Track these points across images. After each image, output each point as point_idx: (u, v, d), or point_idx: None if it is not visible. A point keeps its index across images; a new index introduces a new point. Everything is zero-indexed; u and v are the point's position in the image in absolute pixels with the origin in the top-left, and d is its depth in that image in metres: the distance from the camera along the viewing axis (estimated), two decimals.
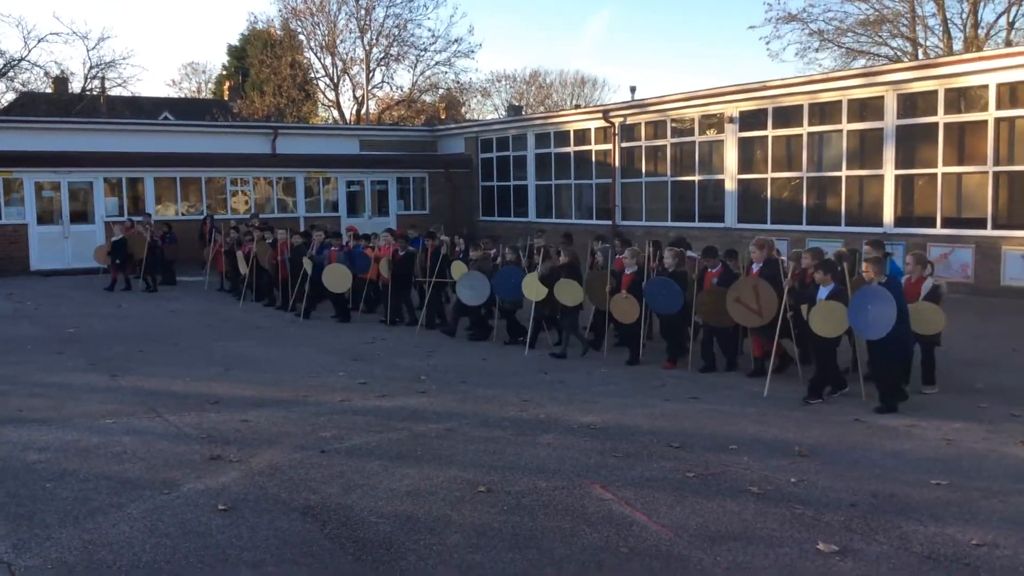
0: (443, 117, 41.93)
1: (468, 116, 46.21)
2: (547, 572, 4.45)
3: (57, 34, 68.14)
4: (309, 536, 4.91)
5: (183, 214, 24.53)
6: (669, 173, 21.46)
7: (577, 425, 7.50)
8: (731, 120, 19.54)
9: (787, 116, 18.54)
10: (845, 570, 4.53)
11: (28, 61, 36.88)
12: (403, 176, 28.11)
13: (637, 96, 26.20)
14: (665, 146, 21.61)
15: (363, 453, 6.59)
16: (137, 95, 41.86)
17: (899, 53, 33.28)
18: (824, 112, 17.88)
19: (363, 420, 7.64)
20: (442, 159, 28.92)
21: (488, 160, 27.72)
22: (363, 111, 40.88)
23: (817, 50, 34.25)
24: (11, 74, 36.50)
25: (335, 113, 43.59)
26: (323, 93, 44.05)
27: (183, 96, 54.79)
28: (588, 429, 7.37)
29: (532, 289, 11.07)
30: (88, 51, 55.50)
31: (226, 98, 46.35)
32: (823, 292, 8.54)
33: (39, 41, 46.86)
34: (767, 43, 51.73)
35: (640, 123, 22.20)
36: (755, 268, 9.96)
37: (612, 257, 11.87)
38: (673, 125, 21.40)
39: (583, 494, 5.68)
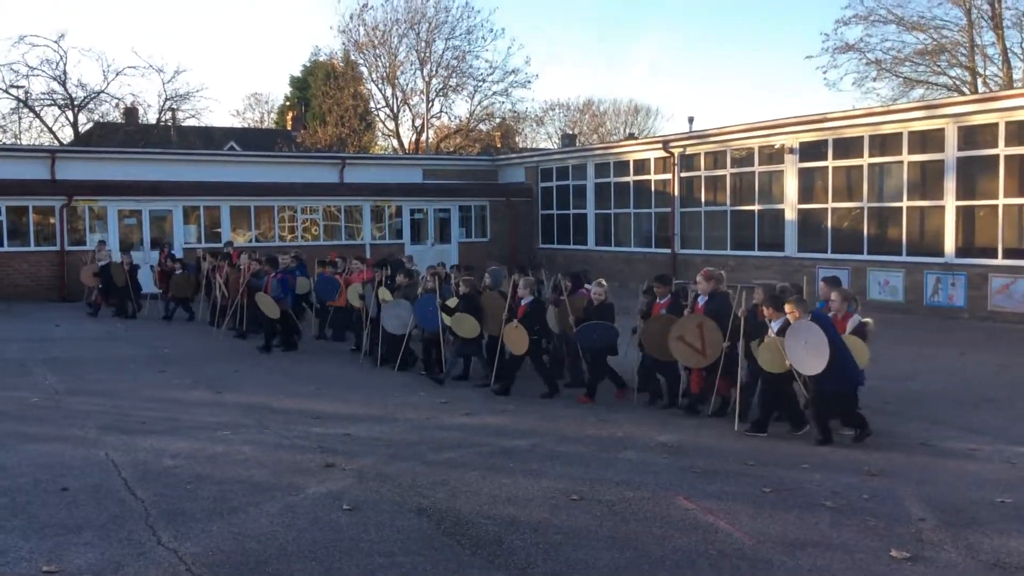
0: (499, 146, 42.84)
1: (522, 144, 47.08)
2: (645, 569, 4.97)
3: (134, 67, 71.03)
4: (427, 533, 5.50)
5: (257, 240, 25.57)
6: (729, 202, 21.89)
7: (654, 443, 8.00)
8: (791, 151, 19.95)
9: (847, 147, 18.89)
10: (917, 573, 4.97)
11: (107, 93, 38.66)
12: (465, 204, 28.89)
13: (695, 127, 26.76)
14: (725, 176, 22.05)
15: (460, 464, 7.18)
16: (206, 125, 43.48)
17: (958, 82, 33.35)
18: (885, 143, 18.20)
19: (453, 436, 8.24)
20: (503, 188, 29.66)
21: (548, 189, 28.38)
22: (422, 139, 41.95)
23: (875, 79, 34.52)
24: (91, 106, 38.27)
25: (394, 142, 44.81)
26: (383, 123, 45.35)
27: (247, 126, 56.55)
28: (665, 447, 7.87)
29: (458, 325, 10.85)
30: (164, 84, 57.94)
31: (289, 128, 47.86)
32: (775, 326, 8.36)
33: (117, 75, 49.07)
34: (824, 73, 51.92)
35: (700, 153, 22.70)
36: (701, 301, 9.40)
37: (500, 280, 11.99)
38: (733, 155, 21.85)
39: (669, 504, 6.19)
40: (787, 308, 8.20)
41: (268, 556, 4.99)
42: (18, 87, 36.44)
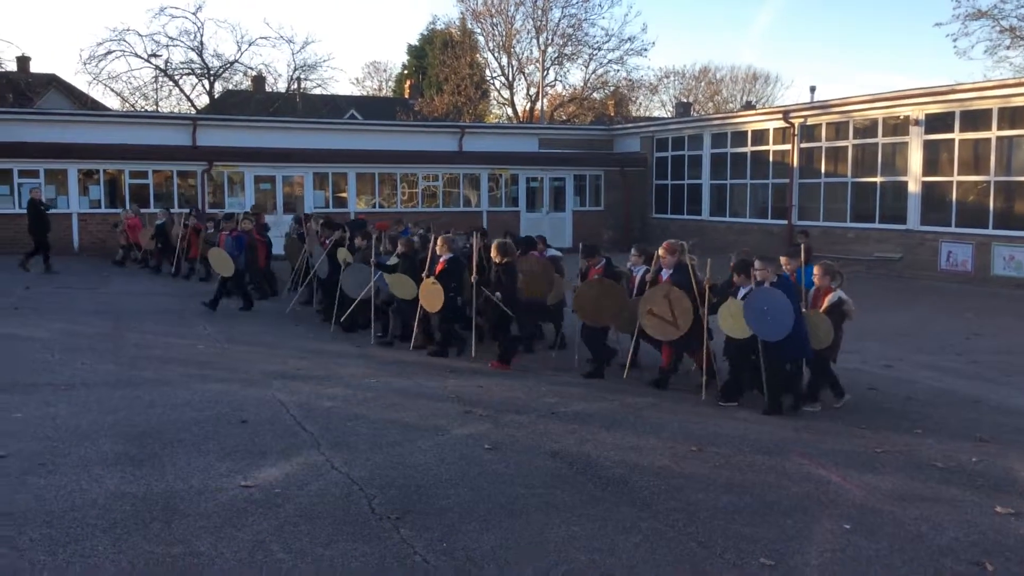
0: (612, 114, 42.93)
1: (636, 113, 47.00)
2: (761, 510, 5.48)
3: (266, 38, 73.81)
4: (561, 471, 6.14)
5: (380, 206, 26.72)
6: (850, 174, 21.66)
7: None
8: (916, 123, 19.60)
9: (976, 120, 18.46)
10: (1020, 527, 5.32)
11: (240, 63, 40.61)
12: (580, 173, 29.32)
13: (817, 96, 26.36)
14: (846, 147, 21.81)
15: (585, 417, 7.80)
16: (329, 94, 45.07)
17: None
18: (1015, 116, 17.71)
19: (578, 391, 8.86)
20: (617, 157, 29.93)
21: (663, 159, 28.51)
22: (537, 108, 42.46)
23: (1008, 47, 33.05)
24: (225, 75, 40.30)
25: (509, 111, 45.48)
26: (498, 92, 46.03)
27: (366, 94, 58.19)
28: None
29: (395, 285, 10.94)
30: (293, 55, 60.35)
31: (406, 96, 49.07)
32: (741, 293, 8.46)
33: (250, 45, 51.36)
34: (954, 40, 49.76)
35: (821, 124, 22.48)
36: (665, 275, 9.27)
37: (458, 246, 11.62)
38: (855, 126, 21.57)
39: (783, 458, 6.65)
40: (756, 266, 8.25)
41: (425, 482, 5.73)
42: (158, 56, 38.72)
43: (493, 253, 10.24)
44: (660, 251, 9.36)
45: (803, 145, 23.01)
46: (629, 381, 9.26)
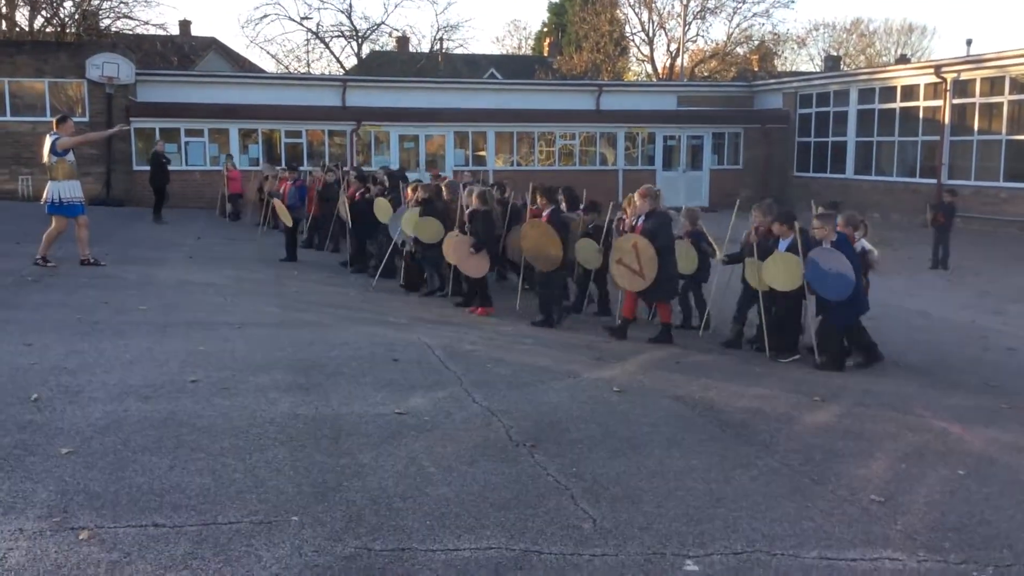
0: (756, 69, 41.86)
1: (782, 68, 45.64)
2: (878, 456, 5.75)
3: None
4: (684, 413, 6.56)
5: (518, 165, 27.34)
6: (1004, 131, 20.65)
7: (900, 363, 8.54)
8: None
9: None
10: None
11: (387, 24, 41.96)
12: (718, 131, 29.01)
13: (973, 51, 25.07)
14: (1002, 103, 20.78)
15: (711, 367, 8.16)
16: (470, 53, 45.91)
17: None
18: None
19: (694, 343, 9.22)
20: (758, 114, 29.41)
21: (806, 115, 27.83)
22: (677, 64, 41.93)
23: None
24: (372, 37, 41.75)
25: (648, 68, 45.08)
26: (637, 48, 45.66)
27: (505, 53, 58.73)
28: (907, 366, 8.39)
29: (409, 224, 11.23)
30: (436, 16, 61.62)
31: (545, 54, 49.32)
32: (783, 245, 8.45)
33: (396, 7, 52.95)
34: None
35: (975, 79, 21.48)
36: (639, 222, 8.98)
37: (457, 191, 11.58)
38: (1012, 81, 20.49)
39: (905, 410, 6.84)
40: (814, 225, 8.22)
41: (558, 418, 6.27)
42: (310, 19, 40.49)
43: (472, 198, 10.28)
44: (635, 196, 9.15)
45: (955, 101, 22.06)
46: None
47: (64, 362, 7.08)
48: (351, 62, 41.76)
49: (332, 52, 41.98)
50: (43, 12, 31.95)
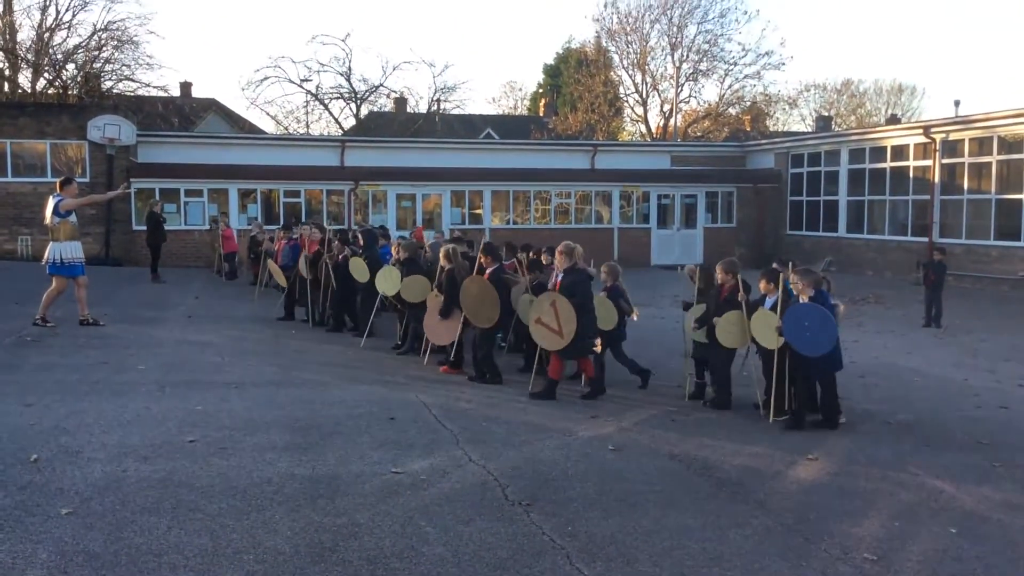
0: (748, 129, 42.57)
1: (773, 128, 46.38)
2: (871, 514, 5.79)
3: (409, 62, 76.96)
4: (679, 471, 6.61)
5: (514, 223, 27.62)
6: (994, 190, 20.98)
7: (893, 421, 8.60)
8: None
9: None
10: None
11: (385, 86, 42.68)
12: (712, 190, 29.38)
13: (961, 111, 25.58)
14: (991, 162, 21.14)
15: (706, 425, 8.22)
16: (467, 113, 46.62)
17: None
18: None
19: (691, 402, 9.28)
20: (750, 173, 29.83)
21: (798, 175, 28.24)
22: (670, 124, 42.59)
23: None
24: (371, 98, 42.43)
25: (642, 127, 45.72)
26: (631, 109, 46.40)
27: (502, 113, 59.63)
28: (900, 424, 8.45)
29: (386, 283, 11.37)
30: (434, 78, 62.93)
31: (541, 114, 50.10)
32: (768, 303, 8.46)
33: (394, 69, 53.86)
34: None
35: (964, 139, 21.87)
36: (557, 279, 8.96)
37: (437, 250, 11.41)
38: (1000, 141, 20.89)
39: (899, 468, 6.89)
40: (793, 281, 8.23)
41: (553, 476, 6.32)
42: (309, 81, 41.18)
43: (440, 256, 10.39)
44: (556, 252, 9.17)
45: (945, 160, 22.43)
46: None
47: (64, 422, 7.13)
48: (350, 123, 42.37)
49: (331, 113, 42.60)
50: (46, 74, 32.57)
